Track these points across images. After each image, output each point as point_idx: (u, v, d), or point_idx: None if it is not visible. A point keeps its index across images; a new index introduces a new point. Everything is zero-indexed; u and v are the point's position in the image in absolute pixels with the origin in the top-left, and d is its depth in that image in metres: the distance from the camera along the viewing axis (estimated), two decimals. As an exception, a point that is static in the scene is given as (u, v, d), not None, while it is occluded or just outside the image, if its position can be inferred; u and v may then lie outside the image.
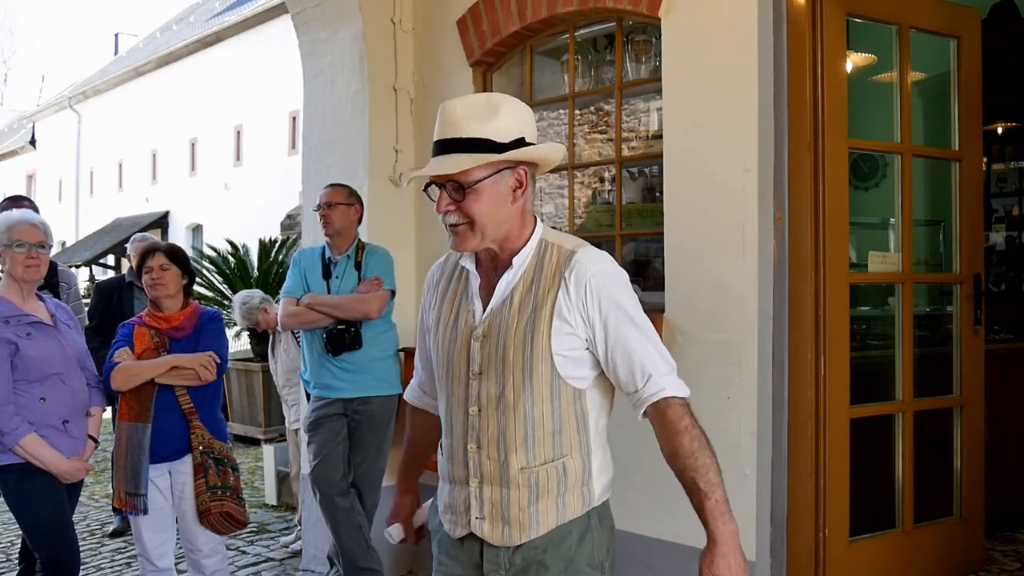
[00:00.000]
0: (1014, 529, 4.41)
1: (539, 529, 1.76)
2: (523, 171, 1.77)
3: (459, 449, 1.82)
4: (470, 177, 1.72)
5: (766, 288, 3.24)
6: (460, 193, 1.73)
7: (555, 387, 1.75)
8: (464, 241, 1.77)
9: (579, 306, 1.73)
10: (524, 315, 1.75)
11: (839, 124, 3.42)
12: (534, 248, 1.80)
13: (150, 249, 3.36)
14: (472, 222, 1.74)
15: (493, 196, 1.74)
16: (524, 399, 1.74)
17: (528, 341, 1.73)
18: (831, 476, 3.36)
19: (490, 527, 1.78)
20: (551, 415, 1.75)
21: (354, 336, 3.70)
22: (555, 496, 1.76)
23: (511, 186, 1.76)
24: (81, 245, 25.23)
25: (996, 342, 4.42)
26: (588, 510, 1.80)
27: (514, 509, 1.76)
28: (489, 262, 1.84)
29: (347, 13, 4.37)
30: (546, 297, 1.74)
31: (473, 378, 1.79)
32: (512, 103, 1.79)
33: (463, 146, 1.71)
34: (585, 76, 4.22)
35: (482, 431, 1.78)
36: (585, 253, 1.78)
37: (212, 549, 3.34)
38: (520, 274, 1.79)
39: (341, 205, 3.80)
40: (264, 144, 19.77)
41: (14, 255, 3.13)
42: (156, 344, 3.27)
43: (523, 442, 1.75)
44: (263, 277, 8.82)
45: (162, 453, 3.22)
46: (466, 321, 1.83)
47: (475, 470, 1.79)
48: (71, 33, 64.98)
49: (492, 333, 1.77)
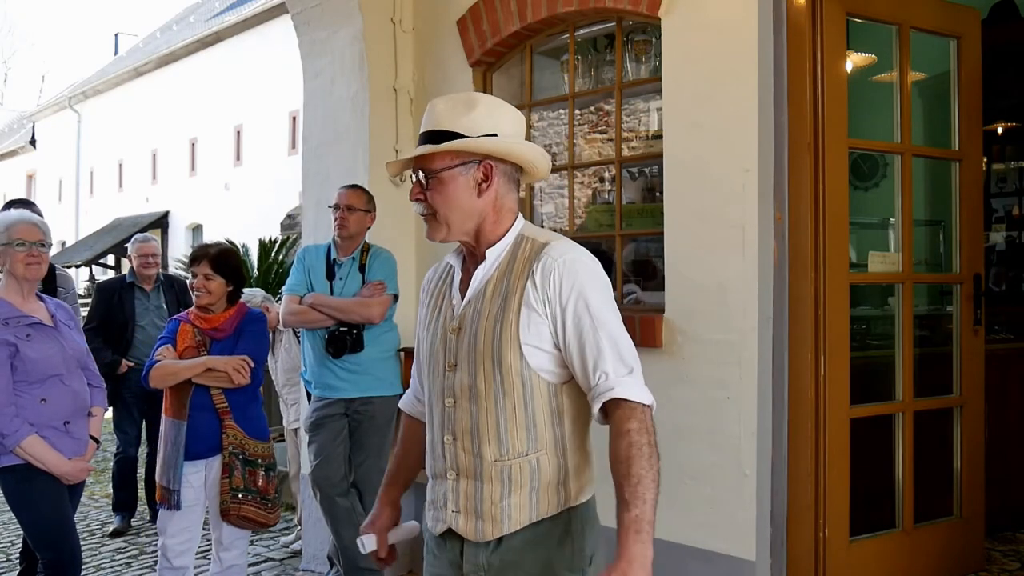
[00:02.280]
0: (1014, 529, 4.40)
1: (511, 524, 1.76)
2: (489, 165, 1.79)
3: (437, 442, 1.83)
4: (433, 165, 1.77)
5: (766, 288, 3.24)
6: (427, 181, 1.77)
7: (526, 379, 1.74)
8: (432, 231, 1.82)
9: (544, 296, 1.74)
10: (495, 306, 1.77)
11: (839, 124, 3.42)
12: (511, 242, 1.82)
13: (197, 256, 3.41)
14: (436, 212, 1.79)
15: (457, 187, 1.77)
16: (495, 389, 1.74)
17: (497, 331, 1.74)
18: (831, 476, 3.36)
19: (464, 521, 1.79)
20: (523, 407, 1.75)
21: (356, 339, 3.70)
22: (528, 491, 1.76)
23: (477, 179, 1.78)
24: (81, 245, 25.24)
25: (996, 342, 4.41)
26: (564, 510, 1.79)
27: (487, 503, 1.76)
28: (470, 257, 1.87)
29: (347, 13, 4.37)
30: (515, 287, 1.76)
31: (449, 370, 1.81)
32: (491, 101, 1.83)
33: (436, 138, 1.76)
34: (585, 76, 4.22)
35: (456, 422, 1.79)
36: (556, 245, 1.78)
37: (231, 543, 3.44)
38: (495, 267, 1.81)
39: (360, 211, 3.81)
40: (264, 144, 19.79)
41: (14, 254, 3.12)
42: (198, 342, 3.38)
43: (495, 434, 1.75)
44: (263, 277, 8.80)
45: (197, 450, 3.34)
46: (445, 315, 1.86)
47: (452, 462, 1.80)
48: (71, 33, 65.05)
49: (466, 324, 1.80)
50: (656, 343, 3.39)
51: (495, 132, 1.77)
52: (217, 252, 3.42)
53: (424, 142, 1.78)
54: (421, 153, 1.77)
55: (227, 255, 3.45)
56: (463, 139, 1.75)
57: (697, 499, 3.30)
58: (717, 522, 3.25)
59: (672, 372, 3.36)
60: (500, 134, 1.78)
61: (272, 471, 3.42)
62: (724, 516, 3.24)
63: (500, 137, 1.78)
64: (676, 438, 3.34)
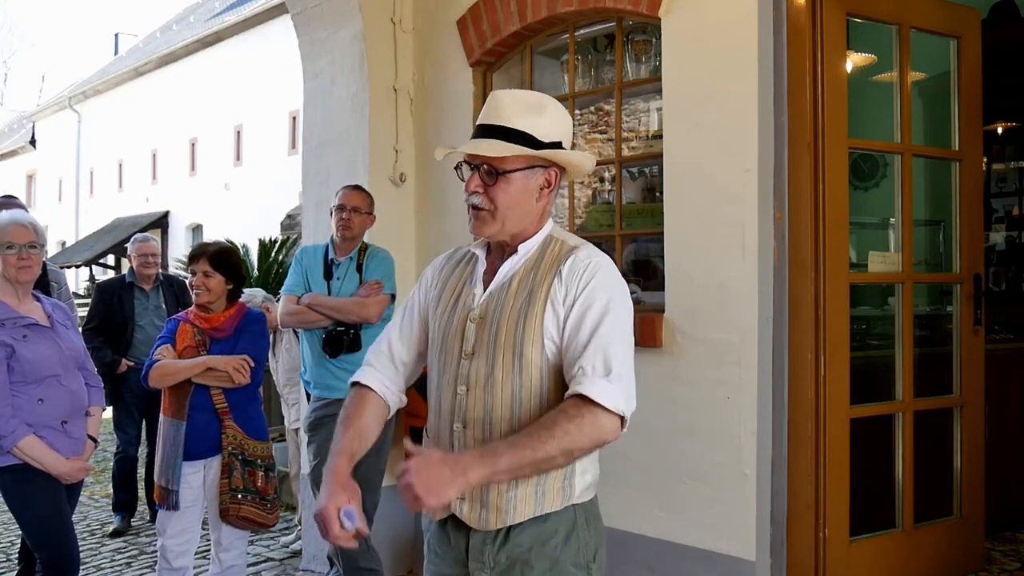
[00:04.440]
0: (1014, 529, 4.41)
1: (515, 516, 1.76)
2: (554, 172, 1.83)
3: (445, 429, 1.83)
4: (505, 165, 1.77)
5: (766, 288, 3.24)
6: (492, 178, 1.78)
7: (545, 373, 1.75)
8: (483, 226, 1.81)
9: (566, 289, 1.76)
10: (520, 299, 1.78)
11: (839, 124, 3.42)
12: (540, 241, 1.85)
13: (196, 254, 3.39)
14: (495, 209, 1.78)
15: (521, 189, 1.79)
16: (512, 380, 1.75)
17: (521, 323, 1.76)
18: (831, 476, 3.36)
19: (469, 509, 1.79)
20: (538, 401, 1.75)
21: (353, 339, 3.70)
22: (535, 485, 1.76)
23: (540, 184, 1.82)
24: (81, 245, 25.23)
25: (996, 342, 4.41)
26: (569, 506, 1.79)
27: (493, 492, 1.76)
28: (498, 250, 1.88)
29: (347, 13, 4.37)
30: (542, 283, 1.78)
31: (465, 358, 1.81)
32: (558, 108, 1.85)
33: (505, 134, 1.76)
34: (585, 76, 4.22)
35: (468, 410, 1.79)
36: (584, 249, 1.82)
37: (231, 544, 3.43)
38: (522, 261, 1.83)
39: (363, 213, 3.81)
40: (264, 144, 19.79)
41: (5, 257, 3.10)
42: (197, 342, 3.36)
43: (508, 425, 1.75)
44: (263, 277, 8.81)
45: (196, 450, 3.32)
46: (465, 303, 1.86)
47: (459, 449, 1.80)
48: (71, 33, 65.05)
49: (488, 315, 1.80)
50: (656, 343, 3.39)
51: (560, 140, 1.81)
52: (216, 250, 3.41)
53: (487, 135, 1.77)
54: (502, 154, 1.75)
55: (226, 253, 3.44)
56: (540, 148, 1.77)
57: (697, 499, 3.30)
58: (717, 522, 3.25)
59: (672, 372, 3.36)
60: (563, 143, 1.82)
61: (271, 471, 3.42)
62: (724, 516, 3.24)
63: (567, 149, 1.82)
64: (676, 438, 3.34)
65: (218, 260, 3.36)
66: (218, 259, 3.37)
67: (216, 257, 3.37)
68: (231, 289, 3.42)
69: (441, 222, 4.34)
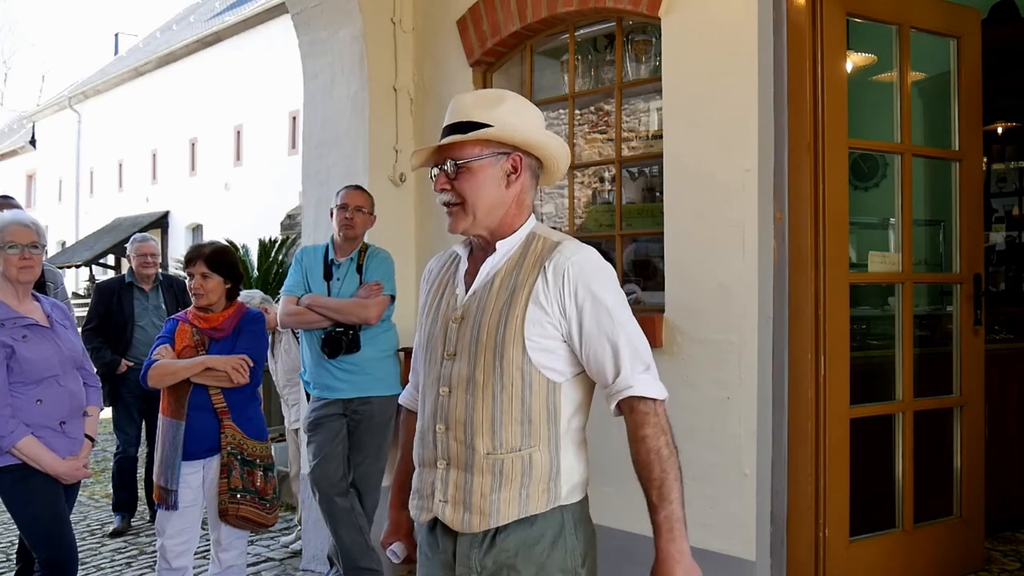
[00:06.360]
0: (1014, 529, 4.40)
1: (499, 519, 1.74)
2: (518, 157, 1.81)
3: (428, 430, 1.83)
4: (464, 154, 1.77)
5: (766, 288, 3.24)
6: (455, 170, 1.77)
7: (527, 374, 1.74)
8: (457, 221, 1.82)
9: (556, 295, 1.74)
10: (502, 298, 1.77)
11: (839, 124, 3.42)
12: (523, 238, 1.83)
13: (192, 256, 3.38)
14: (464, 201, 1.78)
15: (486, 177, 1.78)
16: (494, 382, 1.74)
17: (502, 323, 1.74)
18: (831, 476, 3.36)
19: (451, 511, 1.78)
20: (520, 402, 1.74)
21: (352, 339, 3.70)
22: (519, 487, 1.74)
23: (506, 170, 1.80)
24: (81, 245, 25.23)
25: (996, 342, 4.42)
26: (556, 509, 1.77)
27: (476, 495, 1.75)
28: (480, 250, 1.87)
29: (347, 13, 4.37)
30: (524, 282, 1.76)
31: (447, 359, 1.80)
32: (518, 99, 1.84)
33: (465, 129, 1.77)
34: (585, 76, 4.22)
35: (450, 412, 1.78)
36: (568, 244, 1.80)
37: (230, 543, 3.42)
38: (504, 260, 1.82)
39: (365, 213, 3.81)
40: (264, 144, 19.79)
41: (7, 257, 3.10)
42: (196, 342, 3.36)
43: (490, 426, 1.74)
44: (263, 277, 8.81)
45: (195, 450, 3.32)
46: (448, 303, 1.86)
47: (442, 451, 1.79)
48: (71, 33, 65.05)
49: (469, 315, 1.80)
50: (656, 343, 3.39)
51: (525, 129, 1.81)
52: (212, 251, 3.40)
53: (450, 133, 1.78)
54: (453, 141, 1.77)
55: (222, 253, 3.44)
56: (495, 129, 1.76)
57: (697, 499, 3.28)
58: (717, 522, 3.24)
59: (672, 372, 3.35)
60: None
61: (271, 471, 3.41)
62: (724, 516, 3.23)
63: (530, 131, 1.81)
64: (676, 438, 3.34)
65: (215, 261, 3.36)
66: (215, 260, 3.36)
67: (213, 258, 3.36)
68: (229, 288, 3.42)
69: (441, 222, 4.29)
